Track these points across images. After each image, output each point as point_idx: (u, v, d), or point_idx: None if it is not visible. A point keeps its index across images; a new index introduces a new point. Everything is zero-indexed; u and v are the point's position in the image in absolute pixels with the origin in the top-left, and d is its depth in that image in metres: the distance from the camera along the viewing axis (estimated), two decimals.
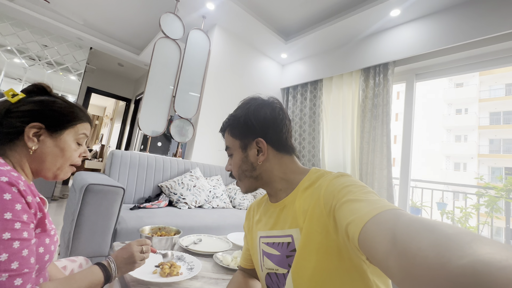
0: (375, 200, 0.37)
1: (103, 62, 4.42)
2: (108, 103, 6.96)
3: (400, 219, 0.29)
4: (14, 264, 0.43)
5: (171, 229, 1.07)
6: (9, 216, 0.44)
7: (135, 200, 1.88)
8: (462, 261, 0.20)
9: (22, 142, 0.55)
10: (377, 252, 0.29)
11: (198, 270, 0.82)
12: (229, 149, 0.64)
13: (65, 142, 0.60)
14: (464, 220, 2.53)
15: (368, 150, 2.35)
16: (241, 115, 0.60)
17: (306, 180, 0.55)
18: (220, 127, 0.67)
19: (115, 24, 3.21)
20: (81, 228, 1.22)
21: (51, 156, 0.58)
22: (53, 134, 0.58)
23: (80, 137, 0.63)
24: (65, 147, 0.60)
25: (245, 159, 0.59)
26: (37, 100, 0.58)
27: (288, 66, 3.32)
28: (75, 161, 0.63)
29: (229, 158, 0.65)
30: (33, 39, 3.24)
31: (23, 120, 0.55)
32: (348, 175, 0.49)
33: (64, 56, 3.47)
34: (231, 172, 0.65)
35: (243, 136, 0.60)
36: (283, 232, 0.54)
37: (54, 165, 0.59)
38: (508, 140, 12.89)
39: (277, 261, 0.54)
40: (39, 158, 0.57)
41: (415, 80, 2.32)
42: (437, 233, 0.24)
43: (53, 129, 0.58)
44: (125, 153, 1.92)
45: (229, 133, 0.63)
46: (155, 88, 2.27)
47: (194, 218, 1.67)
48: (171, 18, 2.32)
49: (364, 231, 0.32)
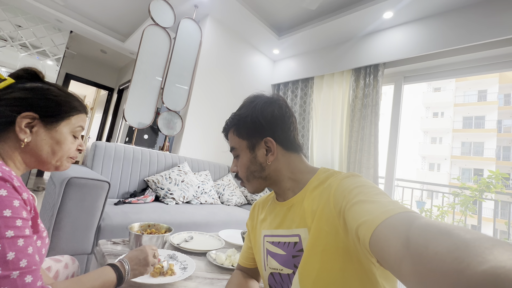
0: (388, 202, 0.36)
1: (84, 48, 4.16)
2: (88, 92, 6.59)
3: (415, 222, 0.28)
4: (22, 262, 0.42)
5: (161, 226, 1.02)
6: (9, 213, 0.42)
7: (120, 195, 1.79)
8: (483, 267, 0.19)
9: (13, 133, 0.50)
10: (389, 256, 0.28)
11: (193, 270, 0.78)
12: (235, 150, 0.61)
13: (62, 134, 0.55)
14: (441, 218, 2.67)
15: (356, 149, 2.39)
16: (247, 114, 0.58)
17: (315, 180, 0.54)
18: (223, 127, 0.64)
19: (99, 7, 3.01)
20: (61, 224, 1.14)
21: (47, 149, 0.54)
22: (48, 126, 0.53)
23: (77, 130, 0.59)
24: (61, 140, 0.55)
25: (254, 160, 0.57)
26: (30, 87, 0.52)
27: (279, 62, 3.30)
28: (73, 154, 0.59)
29: (234, 159, 0.63)
30: (5, 18, 2.96)
31: (14, 109, 0.50)
32: (359, 175, 0.48)
33: (41, 39, 3.22)
34: (236, 173, 0.62)
35: (250, 136, 0.58)
36: (290, 231, 0.53)
37: (53, 159, 0.55)
38: (478, 143, 13.78)
39: (282, 261, 0.53)
40: (32, 151, 0.53)
41: (403, 82, 2.39)
42: (454, 238, 0.23)
43: (48, 120, 0.53)
44: (109, 145, 1.82)
45: (235, 133, 0.60)
46: (143, 78, 2.16)
47: (183, 214, 1.62)
48: (161, 5, 2.21)
49: (376, 233, 0.31)
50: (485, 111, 13.74)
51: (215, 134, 2.63)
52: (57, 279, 0.75)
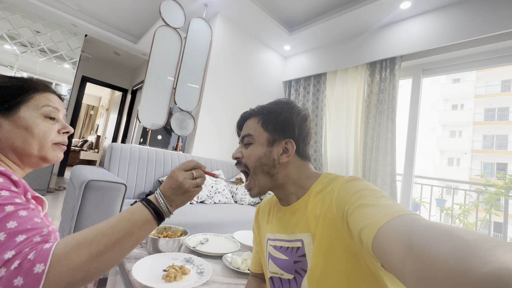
0: (390, 205, 0.35)
1: (98, 50, 4.27)
2: (103, 93, 6.78)
3: (417, 225, 0.28)
4: (11, 223, 0.38)
5: (177, 229, 1.03)
6: (7, 193, 0.41)
7: (136, 195, 1.83)
8: (486, 269, 0.19)
9: None
10: (392, 258, 0.28)
11: (209, 275, 0.78)
12: (250, 137, 0.59)
13: (26, 119, 0.50)
14: (463, 217, 2.55)
15: (372, 146, 2.32)
16: (281, 111, 0.58)
17: (318, 184, 0.54)
18: (245, 112, 0.63)
19: (111, 11, 3.06)
20: (81, 225, 1.17)
21: (18, 139, 0.49)
22: (6, 115, 0.49)
23: (45, 111, 0.52)
24: (29, 125, 0.49)
25: (268, 154, 0.57)
26: None
27: (291, 58, 3.24)
28: (55, 139, 0.53)
29: (241, 146, 0.61)
30: (24, 24, 3.08)
31: None
32: (361, 178, 0.48)
33: (57, 43, 3.32)
34: (239, 160, 0.60)
35: (275, 131, 0.57)
36: (292, 236, 0.53)
37: (30, 148, 0.50)
38: (501, 136, 13.08)
39: (283, 266, 0.53)
40: (5, 144, 0.49)
41: (422, 75, 2.28)
42: (456, 239, 0.23)
43: (3, 108, 0.48)
44: (124, 147, 1.85)
45: (260, 122, 0.59)
46: (155, 79, 2.18)
47: (197, 214, 1.63)
48: (171, 5, 2.21)
49: (378, 236, 0.31)
50: (509, 102, 12.99)
51: (228, 133, 2.63)
52: None
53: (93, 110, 7.36)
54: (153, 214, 0.46)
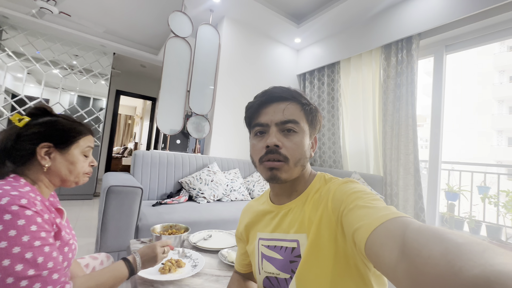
0: (384, 207, 0.36)
1: (127, 65, 4.67)
2: (137, 103, 7.40)
3: (409, 227, 0.29)
4: (49, 264, 0.53)
5: (181, 226, 1.13)
6: (35, 228, 0.54)
7: (158, 196, 2.01)
8: (475, 271, 0.19)
9: (36, 161, 0.63)
10: (384, 260, 0.29)
11: (201, 267, 0.86)
12: (296, 125, 0.51)
13: (74, 156, 0.67)
14: (511, 205, 2.26)
15: (391, 134, 2.18)
16: (313, 105, 0.56)
17: (316, 184, 0.54)
18: (280, 90, 0.53)
19: (132, 28, 3.34)
20: (107, 225, 1.35)
21: (64, 170, 0.66)
22: (61, 151, 0.66)
23: (86, 150, 0.70)
24: (74, 160, 0.67)
25: (308, 148, 0.54)
26: (42, 122, 0.65)
27: (302, 50, 3.17)
28: (86, 170, 0.71)
29: (278, 132, 0.51)
30: (64, 51, 3.52)
31: (33, 142, 0.62)
32: (356, 181, 0.48)
33: (91, 64, 3.74)
34: (276, 150, 0.50)
35: (312, 125, 0.55)
36: (288, 236, 0.52)
37: (70, 176, 0.68)
38: None
39: (279, 266, 0.52)
40: (54, 172, 0.65)
41: (444, 52, 2.07)
42: (447, 242, 0.24)
43: (61, 146, 0.65)
44: (146, 153, 2.04)
45: (303, 112, 0.53)
46: (169, 88, 2.34)
47: (212, 212, 1.74)
48: (179, 16, 2.34)
49: (372, 237, 0.32)
50: None
51: (243, 132, 2.70)
52: None
53: (130, 119, 8.08)
54: (128, 273, 0.70)
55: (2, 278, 0.48)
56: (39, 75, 3.41)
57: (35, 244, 0.52)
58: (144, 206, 1.69)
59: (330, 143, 2.76)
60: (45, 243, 0.54)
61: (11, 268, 0.49)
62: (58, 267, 0.55)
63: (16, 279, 0.48)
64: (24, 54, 3.24)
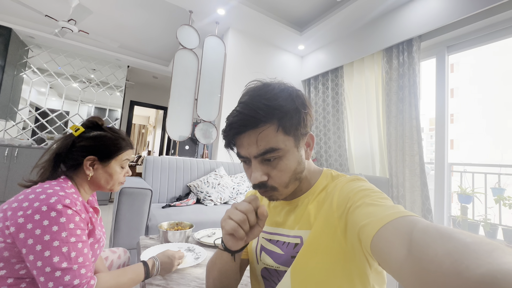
0: (392, 206, 0.36)
1: (140, 77, 4.92)
2: (150, 113, 7.69)
3: (417, 226, 0.29)
4: (80, 258, 0.60)
5: (186, 224, 1.20)
6: (72, 226, 0.62)
7: (168, 199, 2.10)
8: (481, 270, 0.19)
9: (82, 169, 0.74)
10: (391, 258, 0.28)
11: (203, 259, 0.92)
12: (277, 152, 0.45)
13: (113, 168, 0.77)
14: None
15: (396, 136, 2.19)
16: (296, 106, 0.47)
17: (323, 180, 0.53)
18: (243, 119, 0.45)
19: (144, 42, 3.55)
20: (119, 224, 1.45)
21: (103, 180, 0.77)
22: (103, 164, 0.76)
23: (123, 163, 0.80)
24: (112, 173, 0.78)
25: (300, 159, 0.49)
26: (92, 136, 0.76)
27: (306, 57, 3.25)
28: (122, 181, 0.82)
29: (259, 165, 0.46)
30: (82, 66, 3.79)
31: (82, 154, 0.73)
32: (364, 179, 0.47)
33: (107, 77, 3.98)
34: (263, 183, 0.47)
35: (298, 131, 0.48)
36: (291, 232, 0.52)
37: (107, 186, 0.79)
38: None
39: (280, 260, 0.51)
40: (94, 181, 0.77)
41: (446, 53, 2.08)
42: (454, 241, 0.23)
43: (104, 160, 0.76)
44: (156, 158, 2.15)
45: (280, 129, 0.45)
46: (178, 96, 2.47)
47: (217, 214, 1.81)
48: (186, 30, 2.49)
49: (379, 235, 0.31)
50: None
51: None
52: (111, 266, 1.00)
53: (144, 129, 8.38)
54: (145, 277, 0.76)
55: (42, 267, 0.56)
56: (60, 89, 3.68)
57: (71, 240, 0.60)
58: (154, 208, 1.79)
59: (336, 146, 2.78)
60: (79, 240, 0.62)
61: (50, 259, 0.56)
62: (87, 263, 0.62)
63: (52, 269, 0.56)
64: (47, 70, 3.52)
